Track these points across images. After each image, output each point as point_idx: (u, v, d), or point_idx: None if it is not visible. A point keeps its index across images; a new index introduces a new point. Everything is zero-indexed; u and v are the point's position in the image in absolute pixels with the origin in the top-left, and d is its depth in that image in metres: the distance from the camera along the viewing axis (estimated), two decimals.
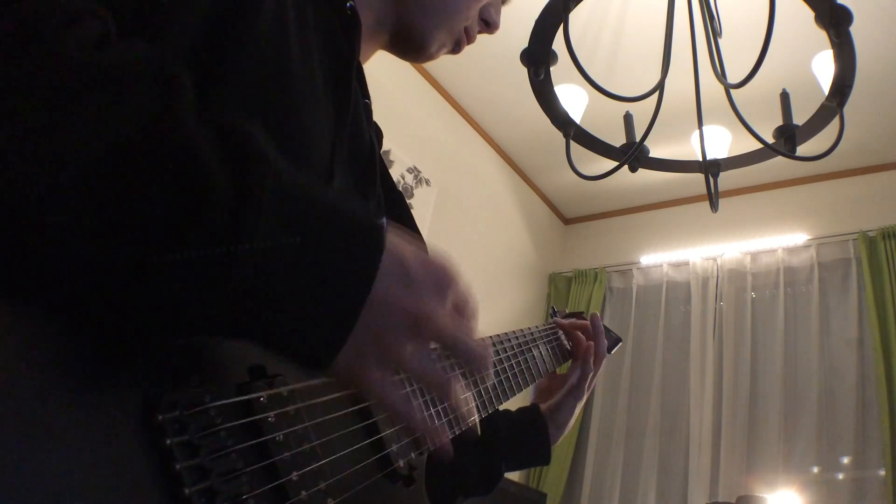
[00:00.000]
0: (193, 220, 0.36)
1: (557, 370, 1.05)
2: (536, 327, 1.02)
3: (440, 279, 0.46)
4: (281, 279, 0.39)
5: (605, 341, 1.08)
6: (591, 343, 1.05)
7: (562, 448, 3.58)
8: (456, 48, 0.80)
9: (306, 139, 0.56)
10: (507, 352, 0.88)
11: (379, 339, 0.42)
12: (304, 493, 0.45)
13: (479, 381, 0.74)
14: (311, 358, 0.41)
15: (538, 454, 0.96)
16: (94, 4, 0.40)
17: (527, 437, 0.95)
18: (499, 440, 0.90)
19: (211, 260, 0.36)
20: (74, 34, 0.37)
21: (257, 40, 0.52)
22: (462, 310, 0.48)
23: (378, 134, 0.81)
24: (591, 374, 1.03)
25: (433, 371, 0.46)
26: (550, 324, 1.07)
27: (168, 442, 0.38)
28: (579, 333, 1.06)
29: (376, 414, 0.56)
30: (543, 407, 1.00)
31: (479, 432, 0.72)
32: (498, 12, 0.83)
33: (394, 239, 0.45)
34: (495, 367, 0.82)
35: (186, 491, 0.38)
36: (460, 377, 0.51)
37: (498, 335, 0.88)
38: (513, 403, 0.91)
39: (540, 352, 0.98)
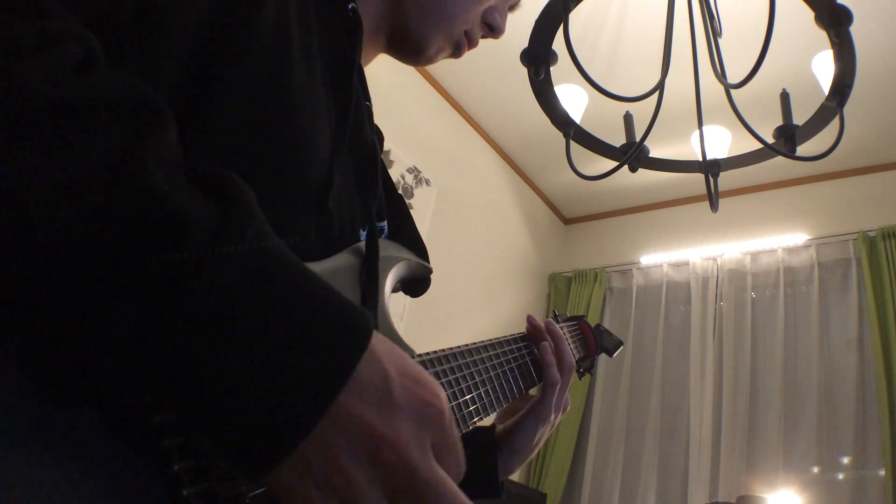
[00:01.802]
0: (153, 264, 0.32)
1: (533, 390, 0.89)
2: (514, 337, 0.88)
3: (425, 410, 0.39)
4: (231, 349, 0.33)
5: (569, 350, 0.93)
6: (552, 358, 0.89)
7: (562, 448, 3.58)
8: (456, 52, 0.79)
9: (305, 143, 0.56)
10: (476, 365, 0.74)
11: (330, 458, 0.35)
12: None
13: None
14: (245, 457, 0.34)
15: (484, 488, 0.83)
16: (77, 27, 0.37)
17: (471, 468, 0.81)
18: None
19: (160, 316, 0.32)
20: (46, 60, 0.34)
21: (258, 40, 0.52)
22: (442, 454, 0.40)
23: (379, 136, 0.80)
24: (556, 389, 0.88)
25: None
26: (523, 334, 0.92)
27: (166, 443, 0.37)
28: (545, 343, 0.90)
29: None
30: (500, 429, 0.88)
31: None
32: (503, 17, 0.81)
33: (383, 348, 0.38)
34: (464, 382, 0.69)
35: (185, 492, 0.37)
36: None
37: (470, 345, 0.75)
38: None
39: (515, 367, 0.84)
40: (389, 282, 0.66)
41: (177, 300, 0.32)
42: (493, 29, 0.80)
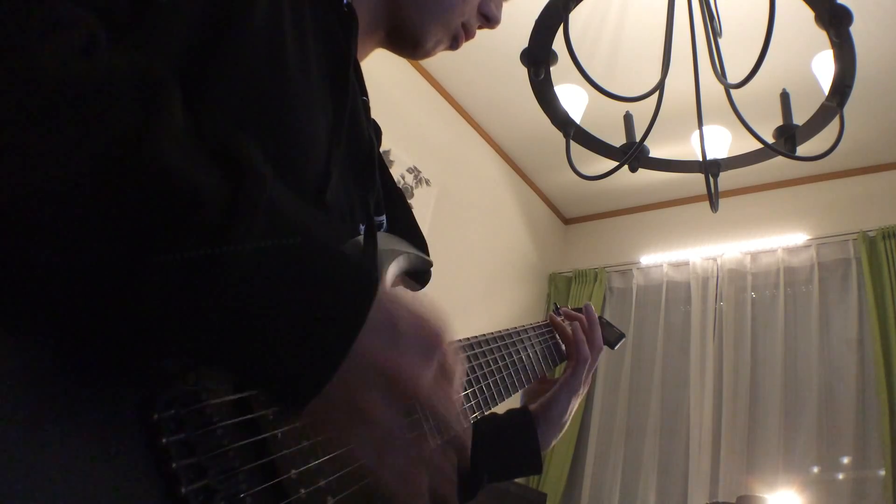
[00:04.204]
0: (175, 241, 0.34)
1: (550, 374, 0.99)
2: (531, 325, 0.98)
3: (429, 341, 0.44)
4: (260, 312, 0.37)
5: (600, 332, 1.03)
6: (583, 336, 1.00)
7: (562, 448, 3.58)
8: (453, 44, 0.79)
9: (302, 137, 0.56)
10: (500, 351, 0.84)
11: (352, 395, 0.41)
12: (302, 490, 0.45)
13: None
14: (284, 396, 0.40)
15: (527, 463, 0.91)
16: (83, 11, 0.38)
17: (514, 445, 0.91)
18: (481, 449, 0.83)
19: (190, 281, 0.35)
20: (55, 43, 0.35)
21: (252, 36, 0.52)
22: (446, 374, 0.46)
23: (377, 131, 0.80)
24: (587, 366, 0.99)
25: (400, 440, 0.43)
26: (545, 322, 1.03)
27: (164, 440, 0.37)
28: (567, 326, 1.02)
29: None
30: (534, 406, 0.95)
31: None
32: (499, 7, 0.81)
33: (386, 291, 0.43)
34: (487, 367, 0.79)
35: (183, 490, 0.37)
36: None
37: (490, 334, 0.85)
38: (502, 406, 0.85)
39: (535, 351, 0.94)
40: (390, 275, 0.66)
41: (213, 271, 0.35)
42: (489, 20, 0.79)
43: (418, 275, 0.73)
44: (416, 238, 0.73)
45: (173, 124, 0.37)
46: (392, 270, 0.66)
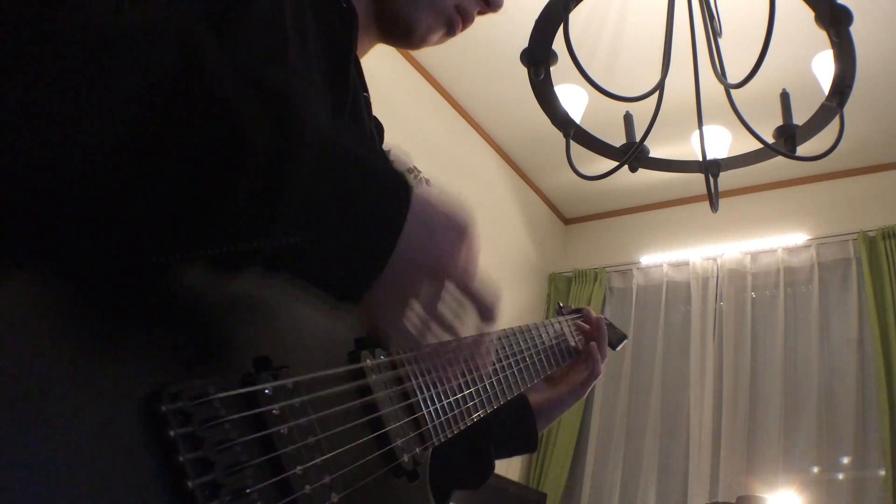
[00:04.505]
0: (234, 170, 0.37)
1: (555, 372, 1.05)
2: (545, 323, 1.02)
3: (458, 228, 0.52)
4: (319, 223, 0.42)
5: (607, 343, 1.10)
6: (598, 354, 1.07)
7: (562, 448, 3.58)
8: (450, 30, 0.76)
9: None
10: (518, 345, 0.88)
11: (400, 279, 0.47)
12: (308, 487, 0.45)
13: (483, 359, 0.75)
14: (343, 292, 0.47)
15: (526, 443, 0.98)
16: None
17: (515, 425, 0.96)
18: (488, 427, 0.88)
19: (252, 210, 0.38)
20: None
21: (251, 31, 0.52)
22: (472, 256, 0.53)
23: (378, 127, 0.80)
24: (597, 378, 1.06)
25: (443, 314, 0.51)
26: (557, 321, 1.07)
27: (171, 434, 0.37)
28: (594, 343, 1.08)
29: (382, 408, 0.56)
30: (540, 398, 1.01)
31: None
32: None
33: (418, 193, 0.49)
34: (505, 360, 0.82)
35: (189, 484, 0.37)
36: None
37: (509, 329, 0.88)
38: None
39: (549, 347, 0.99)
40: None
41: (287, 172, 0.39)
42: (489, 3, 0.77)
43: None
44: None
45: (218, 60, 0.38)
46: None
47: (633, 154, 1.96)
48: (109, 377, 0.37)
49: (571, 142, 2.02)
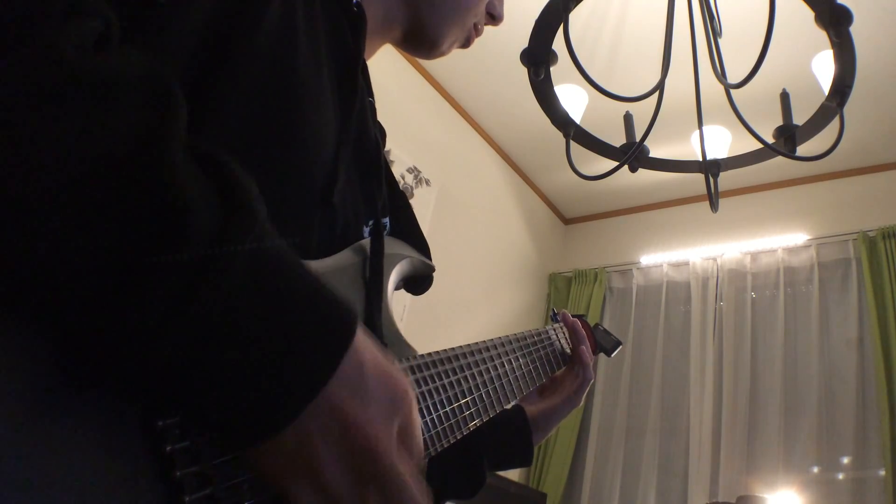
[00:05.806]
0: (163, 248, 0.33)
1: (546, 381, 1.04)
2: (539, 330, 1.01)
3: (394, 398, 0.42)
4: (232, 344, 0.35)
5: (587, 343, 1.08)
6: (589, 359, 1.05)
7: (562, 448, 3.58)
8: (466, 43, 0.81)
9: (311, 138, 0.56)
10: (506, 355, 0.86)
11: (307, 445, 0.38)
12: None
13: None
14: (230, 435, 0.37)
15: (522, 456, 0.96)
16: (102, 2, 0.37)
17: (509, 438, 0.94)
18: (480, 440, 0.85)
19: (168, 296, 0.33)
20: (74, 31, 0.34)
21: (264, 36, 0.52)
22: (405, 434, 0.44)
23: (381, 133, 0.80)
24: (590, 383, 1.04)
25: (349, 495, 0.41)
26: (552, 328, 1.05)
27: (168, 448, 0.37)
28: (584, 347, 1.06)
29: None
30: (534, 409, 0.99)
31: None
32: (501, 3, 0.83)
33: (360, 337, 0.41)
34: (495, 370, 0.80)
35: (187, 498, 0.37)
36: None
37: (497, 339, 0.86)
38: None
39: (544, 355, 0.98)
40: (392, 279, 0.66)
41: (183, 305, 0.34)
42: (494, 17, 0.82)
43: (420, 280, 0.73)
44: (418, 241, 0.73)
45: (181, 131, 0.36)
46: (394, 275, 0.66)
47: (633, 154, 1.96)
48: (106, 392, 0.36)
49: (571, 142, 2.01)
